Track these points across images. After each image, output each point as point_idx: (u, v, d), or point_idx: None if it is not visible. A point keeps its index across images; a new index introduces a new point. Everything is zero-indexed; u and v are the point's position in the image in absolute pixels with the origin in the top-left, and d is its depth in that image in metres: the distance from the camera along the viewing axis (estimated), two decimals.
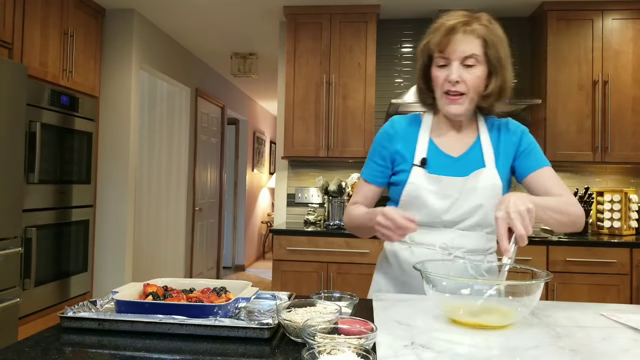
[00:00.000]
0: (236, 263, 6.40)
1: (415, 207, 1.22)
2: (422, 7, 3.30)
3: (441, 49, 1.16)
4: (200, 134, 4.74)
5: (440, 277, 0.91)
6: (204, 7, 3.38)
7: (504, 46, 1.19)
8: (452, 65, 1.15)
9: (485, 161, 1.23)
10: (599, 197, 3.15)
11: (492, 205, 1.18)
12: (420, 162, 1.23)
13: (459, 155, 1.25)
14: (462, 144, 1.26)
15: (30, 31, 2.64)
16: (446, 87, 1.17)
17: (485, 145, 1.24)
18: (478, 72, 1.16)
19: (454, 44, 1.14)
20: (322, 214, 3.53)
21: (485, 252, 1.25)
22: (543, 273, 0.94)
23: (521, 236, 0.95)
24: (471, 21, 1.16)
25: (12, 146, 2.33)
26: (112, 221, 3.38)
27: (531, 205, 0.97)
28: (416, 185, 1.21)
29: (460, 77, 1.15)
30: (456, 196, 1.20)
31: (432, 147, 1.26)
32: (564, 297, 2.76)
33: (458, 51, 1.14)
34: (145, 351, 0.78)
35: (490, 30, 1.17)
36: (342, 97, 3.22)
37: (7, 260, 2.32)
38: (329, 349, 0.69)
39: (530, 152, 1.25)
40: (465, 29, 1.14)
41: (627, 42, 3.04)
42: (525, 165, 1.24)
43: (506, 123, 1.30)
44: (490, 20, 1.19)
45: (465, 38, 1.14)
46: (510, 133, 1.28)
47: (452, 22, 1.16)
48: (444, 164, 1.23)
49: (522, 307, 0.88)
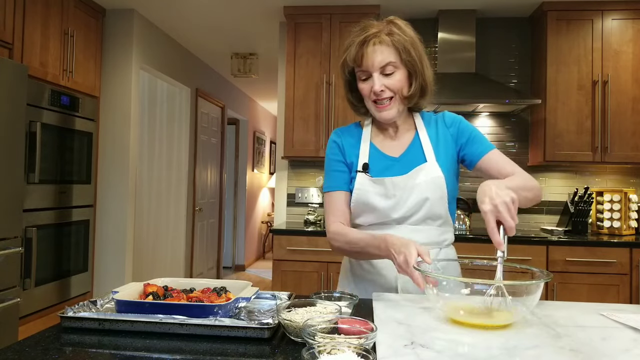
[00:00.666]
0: (236, 263, 6.40)
1: (365, 210, 1.28)
2: (422, 7, 3.30)
3: (358, 63, 1.22)
4: (200, 134, 4.75)
5: (441, 277, 0.92)
6: (204, 7, 3.38)
7: (417, 47, 1.23)
8: (373, 76, 1.21)
9: (425, 156, 1.26)
10: (598, 197, 3.15)
11: (438, 198, 1.23)
12: (362, 168, 1.28)
13: (399, 155, 1.30)
14: (401, 144, 1.31)
15: (31, 31, 2.64)
16: (372, 97, 1.24)
17: (424, 141, 1.29)
18: (398, 76, 1.22)
19: (368, 56, 1.20)
20: (322, 213, 3.53)
21: (440, 245, 1.28)
22: (543, 273, 0.95)
23: (511, 227, 0.95)
24: (380, 32, 1.20)
25: (13, 146, 2.33)
26: (113, 221, 3.38)
27: (514, 194, 0.98)
28: (362, 190, 1.27)
29: (383, 86, 1.21)
30: (399, 194, 1.24)
31: (373, 151, 1.31)
32: (564, 297, 2.76)
33: (375, 63, 1.19)
34: (145, 351, 0.78)
35: (401, 36, 1.21)
36: (342, 97, 3.22)
37: (8, 260, 2.32)
38: (329, 348, 0.69)
39: (473, 139, 1.28)
40: (375, 41, 1.19)
41: (627, 42, 3.04)
42: (473, 153, 1.27)
43: (442, 116, 1.34)
44: (400, 25, 1.23)
45: (377, 49, 1.19)
46: (447, 126, 1.31)
47: (362, 37, 1.20)
48: (385, 165, 1.28)
49: (522, 307, 0.88)
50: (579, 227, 3.11)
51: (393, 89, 1.21)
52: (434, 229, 1.27)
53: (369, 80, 1.23)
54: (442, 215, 1.26)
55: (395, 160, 1.29)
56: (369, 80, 1.22)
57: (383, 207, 1.25)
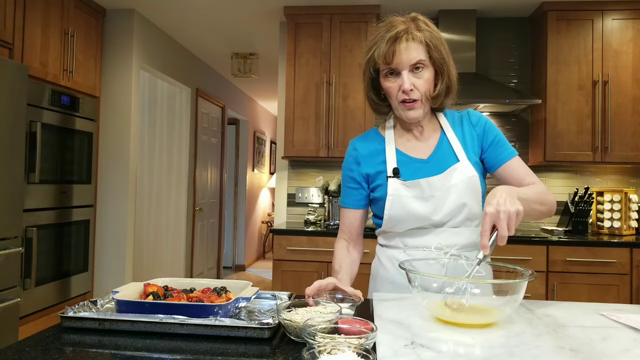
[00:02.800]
0: (236, 263, 6.40)
1: (401, 216, 1.23)
2: (422, 7, 3.30)
3: (388, 60, 1.16)
4: (200, 134, 4.75)
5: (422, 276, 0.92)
6: (204, 7, 3.38)
7: (445, 45, 1.21)
8: (402, 74, 1.16)
9: (457, 155, 1.24)
10: (599, 197, 3.15)
11: (474, 197, 1.20)
12: (392, 173, 1.24)
13: (427, 156, 1.26)
14: (427, 145, 1.28)
15: (31, 31, 2.64)
16: (401, 96, 1.19)
17: (453, 141, 1.26)
18: (426, 76, 1.18)
19: (400, 53, 1.15)
20: (322, 214, 3.53)
21: (478, 246, 1.25)
22: (527, 272, 0.96)
23: (502, 237, 0.95)
24: (410, 28, 1.17)
25: (13, 146, 2.34)
26: (113, 221, 3.38)
27: (521, 207, 0.97)
28: (396, 196, 1.22)
29: (412, 85, 1.17)
30: (438, 195, 1.21)
31: (400, 156, 1.27)
32: (564, 297, 2.76)
33: (405, 60, 1.15)
34: (145, 351, 0.78)
35: (431, 33, 1.18)
36: (342, 97, 3.22)
37: (8, 260, 2.32)
38: (329, 348, 0.69)
39: (497, 142, 1.26)
40: (407, 37, 1.15)
41: (627, 42, 3.04)
42: (496, 157, 1.25)
43: (467, 115, 1.31)
44: (426, 22, 1.21)
45: (410, 46, 1.15)
46: (472, 124, 1.29)
47: (393, 33, 1.16)
48: (415, 168, 1.24)
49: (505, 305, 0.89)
50: (579, 227, 3.11)
51: (421, 90, 1.18)
52: (472, 230, 1.24)
53: (397, 79, 1.18)
54: (478, 215, 1.23)
55: (424, 162, 1.25)
56: (397, 78, 1.18)
57: (422, 211, 1.21)
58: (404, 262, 1.00)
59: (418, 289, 0.93)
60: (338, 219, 3.31)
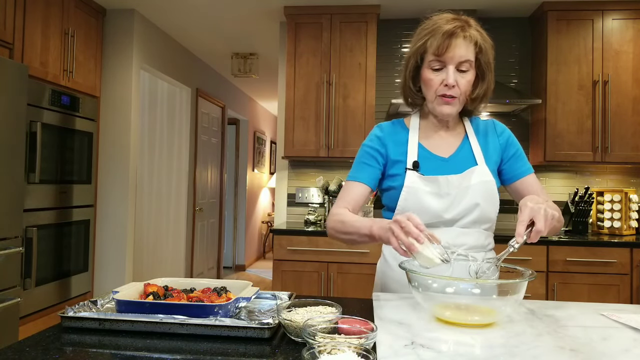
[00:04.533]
0: (237, 263, 6.40)
1: (414, 210, 1.23)
2: (422, 7, 3.30)
3: (440, 52, 1.16)
4: (200, 134, 4.75)
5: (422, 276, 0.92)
6: (204, 7, 3.38)
7: (492, 51, 1.22)
8: (448, 69, 1.17)
9: (476, 159, 1.25)
10: (599, 197, 3.15)
11: (489, 201, 1.21)
12: (412, 166, 1.24)
13: (448, 155, 1.27)
14: (450, 144, 1.29)
15: (31, 31, 2.64)
16: (441, 90, 1.19)
17: (474, 145, 1.27)
18: (469, 77, 1.19)
19: (454, 48, 1.16)
20: (322, 213, 3.53)
21: (485, 249, 1.27)
22: (527, 272, 0.96)
23: (539, 231, 0.96)
24: (467, 26, 1.18)
25: (13, 146, 2.34)
26: (113, 221, 3.38)
27: (557, 214, 1.01)
28: (413, 188, 1.22)
29: (456, 82, 1.17)
30: (453, 194, 1.21)
31: (421, 150, 1.28)
32: (564, 297, 2.76)
33: (456, 56, 1.16)
34: (145, 351, 0.78)
35: (483, 36, 1.20)
36: (342, 97, 3.22)
37: (8, 260, 2.32)
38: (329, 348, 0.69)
39: (518, 156, 1.29)
40: (464, 35, 1.17)
41: (627, 42, 3.04)
42: (514, 171, 1.28)
43: (492, 124, 1.33)
44: (478, 25, 1.22)
45: (463, 43, 1.16)
46: (497, 135, 1.31)
47: (451, 27, 1.16)
48: (435, 165, 1.25)
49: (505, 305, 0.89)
50: (579, 227, 3.11)
51: (461, 89, 1.19)
52: (482, 233, 1.25)
53: (440, 72, 1.18)
54: (491, 219, 1.25)
55: (445, 161, 1.26)
56: (441, 71, 1.18)
57: (436, 207, 1.21)
58: (404, 262, 1.00)
59: (418, 289, 0.93)
60: None
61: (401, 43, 3.55)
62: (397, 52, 3.55)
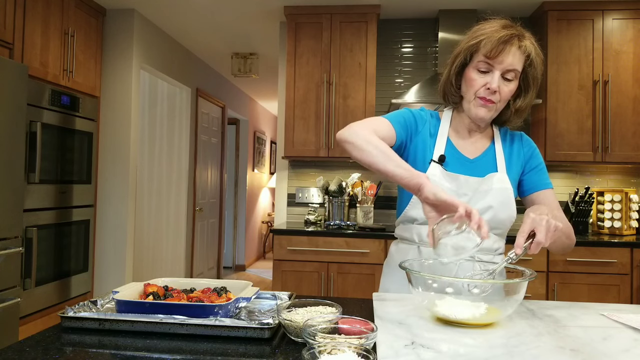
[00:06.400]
0: (237, 263, 6.40)
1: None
2: (422, 7, 3.30)
3: (491, 55, 1.15)
4: (200, 134, 4.75)
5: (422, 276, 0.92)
6: (204, 7, 3.38)
7: (542, 67, 1.21)
8: (494, 74, 1.16)
9: (497, 166, 1.26)
10: (599, 197, 3.15)
11: (504, 208, 1.21)
12: (438, 159, 1.24)
13: (474, 157, 1.28)
14: (477, 147, 1.29)
15: (31, 31, 2.64)
16: (482, 93, 1.18)
17: (499, 153, 1.28)
18: (512, 87, 1.18)
19: (506, 55, 1.14)
20: (322, 213, 3.53)
21: (494, 252, 1.27)
22: (527, 272, 0.96)
23: (539, 242, 0.96)
24: (523, 36, 1.17)
25: (13, 146, 2.34)
26: (113, 221, 3.38)
27: (560, 225, 1.00)
28: (433, 182, 1.21)
29: (498, 87, 1.17)
30: (470, 195, 1.22)
31: (449, 146, 1.28)
32: (564, 297, 2.76)
33: (505, 63, 1.15)
34: (145, 351, 0.78)
35: (537, 49, 1.19)
36: (342, 96, 3.22)
37: (8, 260, 2.32)
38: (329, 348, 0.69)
39: (540, 170, 1.30)
40: (520, 44, 1.16)
41: (628, 42, 3.04)
42: (533, 182, 1.28)
43: (520, 136, 1.34)
44: (533, 37, 1.20)
45: (517, 52, 1.15)
46: (523, 146, 1.32)
47: (507, 33, 1.15)
48: (459, 163, 1.26)
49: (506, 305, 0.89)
50: (579, 227, 3.11)
51: (502, 97, 1.18)
52: (492, 236, 1.25)
53: (485, 75, 1.17)
54: (504, 225, 1.25)
55: (470, 162, 1.27)
56: (487, 75, 1.17)
57: None
58: (404, 262, 1.00)
59: (418, 289, 0.93)
60: (338, 218, 3.31)
61: (401, 43, 3.55)
62: (397, 52, 3.55)
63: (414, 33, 3.53)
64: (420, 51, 3.53)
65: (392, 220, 3.45)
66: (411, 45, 3.54)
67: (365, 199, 3.30)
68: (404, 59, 3.54)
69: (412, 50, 3.53)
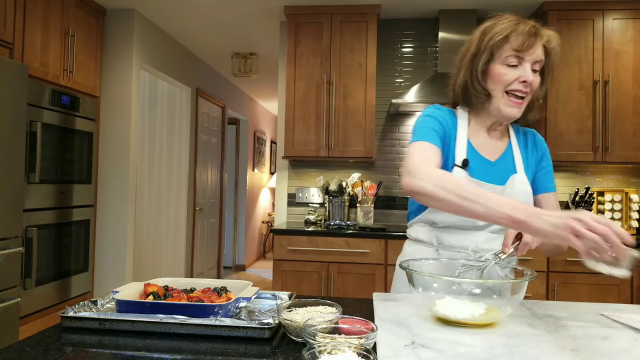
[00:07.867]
0: (237, 263, 6.40)
1: None
2: (422, 7, 3.30)
3: (523, 48, 1.13)
4: (200, 134, 4.75)
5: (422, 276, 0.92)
6: (204, 7, 3.38)
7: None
8: (526, 66, 1.14)
9: (516, 167, 1.25)
10: (599, 197, 3.15)
11: None
12: (462, 163, 1.20)
13: (495, 159, 1.25)
14: (497, 147, 1.27)
15: (31, 31, 2.64)
16: (515, 86, 1.15)
17: (516, 152, 1.27)
18: (539, 78, 1.18)
19: (536, 47, 1.14)
20: (322, 213, 3.53)
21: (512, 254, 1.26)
22: (527, 272, 0.96)
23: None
24: (540, 27, 1.16)
25: (13, 146, 2.34)
26: (113, 221, 3.38)
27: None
28: None
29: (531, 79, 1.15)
30: None
31: (470, 148, 1.24)
32: (564, 297, 2.76)
33: (535, 54, 1.14)
34: (146, 351, 0.78)
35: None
36: (342, 96, 3.22)
37: (8, 259, 2.32)
38: (329, 348, 0.69)
39: (548, 172, 1.30)
40: (545, 36, 1.15)
41: (628, 42, 3.04)
42: (541, 183, 1.28)
43: (532, 134, 1.33)
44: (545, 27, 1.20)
45: (540, 43, 1.15)
46: (536, 145, 1.31)
47: (532, 25, 1.14)
48: (482, 167, 1.23)
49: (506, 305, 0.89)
50: None
51: (533, 88, 1.16)
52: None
53: (516, 69, 1.14)
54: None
55: (492, 164, 1.24)
56: (517, 68, 1.14)
57: None
58: (404, 262, 1.00)
59: (418, 289, 0.93)
60: (338, 218, 3.31)
61: (401, 43, 3.55)
62: (397, 52, 3.55)
63: (414, 33, 3.53)
64: (420, 51, 3.53)
65: (392, 220, 3.45)
66: (411, 45, 3.54)
67: (365, 199, 3.30)
68: (404, 59, 3.54)
69: (412, 50, 3.53)
